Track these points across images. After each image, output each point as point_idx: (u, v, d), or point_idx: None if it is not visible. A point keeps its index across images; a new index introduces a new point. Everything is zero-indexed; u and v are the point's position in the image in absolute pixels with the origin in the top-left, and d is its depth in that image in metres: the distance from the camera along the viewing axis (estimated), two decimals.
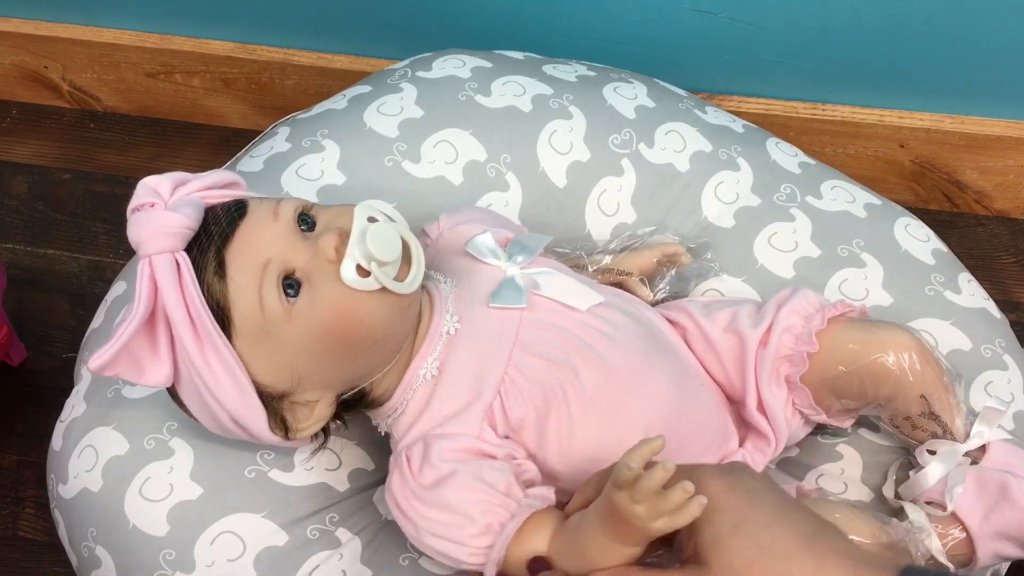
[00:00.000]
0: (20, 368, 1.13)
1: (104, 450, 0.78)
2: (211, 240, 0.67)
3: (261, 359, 0.69)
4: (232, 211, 0.69)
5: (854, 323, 0.78)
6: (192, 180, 0.71)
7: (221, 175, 0.73)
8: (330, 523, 0.78)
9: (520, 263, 0.77)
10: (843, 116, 1.17)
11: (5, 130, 1.34)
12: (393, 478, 0.71)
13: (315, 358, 0.69)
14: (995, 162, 1.17)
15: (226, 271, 0.67)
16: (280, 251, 0.67)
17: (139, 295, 0.66)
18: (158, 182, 0.69)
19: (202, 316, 0.66)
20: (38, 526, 1.04)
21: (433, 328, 0.74)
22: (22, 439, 1.09)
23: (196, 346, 0.67)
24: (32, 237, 1.24)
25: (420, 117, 0.93)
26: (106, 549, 0.77)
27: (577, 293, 0.77)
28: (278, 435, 0.72)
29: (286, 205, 0.70)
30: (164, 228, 0.66)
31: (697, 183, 0.94)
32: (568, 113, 0.94)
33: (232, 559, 0.75)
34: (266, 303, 0.67)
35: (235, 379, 0.68)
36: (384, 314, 0.69)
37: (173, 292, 0.66)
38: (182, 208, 0.67)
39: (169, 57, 1.26)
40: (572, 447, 0.73)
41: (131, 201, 0.69)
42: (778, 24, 1.09)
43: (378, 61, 1.21)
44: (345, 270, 0.66)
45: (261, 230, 0.68)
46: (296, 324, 0.67)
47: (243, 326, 0.67)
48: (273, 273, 0.67)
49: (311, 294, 0.67)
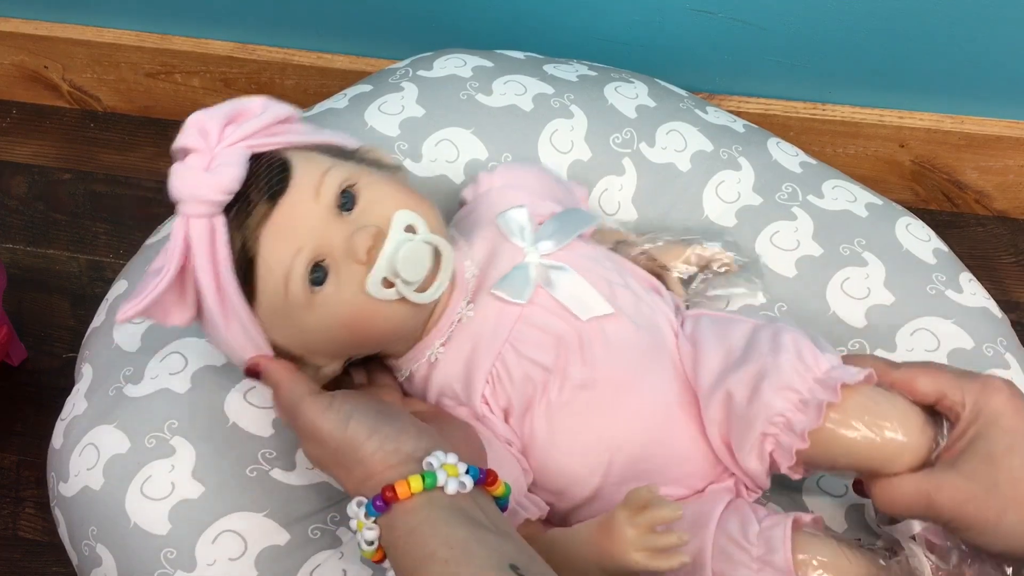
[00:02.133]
0: (20, 368, 1.13)
1: (105, 448, 0.78)
2: (250, 211, 0.67)
3: (277, 328, 0.70)
4: (275, 179, 0.67)
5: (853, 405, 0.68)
6: (244, 119, 0.69)
7: (274, 112, 0.70)
8: (331, 522, 0.78)
9: (544, 250, 0.76)
10: (843, 116, 1.17)
11: (5, 130, 1.34)
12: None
13: (328, 341, 0.71)
14: (995, 162, 1.17)
15: (259, 248, 0.67)
16: (314, 237, 0.67)
17: (173, 251, 0.66)
18: (206, 122, 0.67)
19: (228, 284, 0.67)
20: (38, 526, 1.04)
21: (449, 311, 0.74)
22: (22, 439, 1.09)
23: (219, 307, 0.68)
24: (32, 237, 1.24)
25: (421, 116, 0.93)
26: (107, 547, 0.77)
27: (585, 300, 0.74)
28: None
29: (331, 181, 0.68)
30: (203, 193, 0.65)
31: (698, 182, 0.94)
32: (569, 112, 0.94)
33: (233, 558, 0.74)
34: (291, 289, 0.67)
35: (252, 341, 0.70)
36: (400, 318, 0.70)
37: (204, 257, 0.66)
38: (225, 168, 0.66)
39: (169, 57, 1.26)
40: (550, 447, 0.73)
41: (177, 138, 0.68)
42: (778, 24, 1.10)
43: (378, 61, 1.21)
44: (371, 283, 0.67)
45: (300, 211, 0.67)
46: (316, 312, 0.68)
47: (265, 300, 0.68)
48: (302, 261, 0.67)
49: (336, 287, 0.68)
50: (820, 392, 0.68)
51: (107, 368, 0.84)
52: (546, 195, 0.82)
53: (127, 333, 0.85)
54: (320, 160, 0.70)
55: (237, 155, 0.67)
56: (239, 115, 0.69)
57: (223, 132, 0.68)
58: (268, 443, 0.79)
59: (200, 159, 0.66)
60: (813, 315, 0.88)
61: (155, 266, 0.69)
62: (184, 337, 0.83)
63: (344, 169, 0.70)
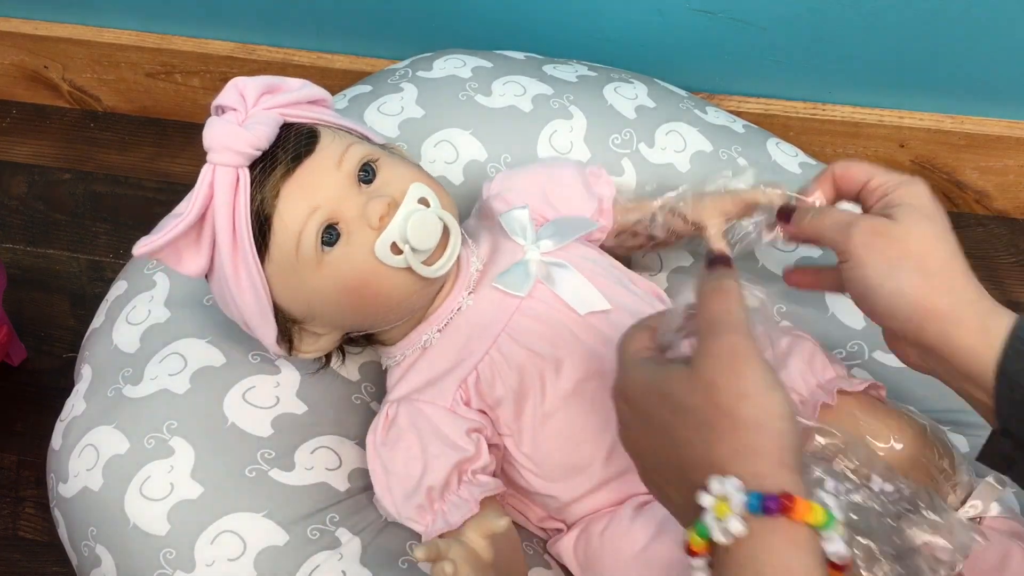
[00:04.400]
0: (20, 368, 1.13)
1: (104, 449, 0.78)
2: (274, 167, 0.70)
3: (284, 286, 0.72)
4: (303, 143, 0.71)
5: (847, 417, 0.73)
6: (280, 92, 0.73)
7: (309, 91, 0.76)
8: (330, 523, 0.78)
9: (544, 248, 0.78)
10: (843, 116, 1.17)
11: (5, 130, 1.34)
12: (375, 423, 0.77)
13: (331, 305, 0.73)
14: (995, 162, 1.17)
15: (277, 203, 0.70)
16: (331, 200, 0.70)
17: (196, 196, 0.69)
18: (246, 86, 0.72)
19: (243, 234, 0.70)
20: (38, 526, 1.04)
21: (450, 300, 0.77)
22: (22, 439, 1.09)
23: (231, 257, 0.71)
24: (32, 237, 1.24)
25: (421, 117, 0.93)
26: (106, 548, 0.77)
27: (583, 296, 0.77)
28: (282, 348, 0.76)
29: (353, 153, 0.72)
30: (234, 144, 0.69)
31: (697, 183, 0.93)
32: (568, 113, 0.94)
33: (232, 558, 0.75)
34: (302, 246, 0.70)
35: (257, 296, 0.72)
36: (404, 289, 0.72)
37: (225, 205, 0.69)
38: (257, 126, 0.69)
39: (169, 57, 1.26)
40: (544, 434, 0.75)
41: (217, 97, 0.72)
42: (778, 24, 1.09)
43: (378, 61, 1.21)
44: (379, 245, 0.69)
45: (321, 174, 0.71)
46: (323, 272, 0.71)
47: (277, 255, 0.71)
48: (317, 220, 0.70)
49: (346, 250, 0.70)
50: (819, 394, 0.73)
51: (106, 369, 0.84)
52: (540, 199, 0.83)
53: (127, 334, 0.85)
54: (346, 136, 0.74)
55: (270, 118, 0.71)
56: (277, 87, 0.74)
57: (260, 98, 0.72)
58: (267, 443, 0.79)
59: (236, 116, 0.71)
60: (812, 316, 0.88)
61: (178, 210, 0.72)
62: (183, 338, 0.83)
63: (367, 147, 0.74)
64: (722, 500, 0.51)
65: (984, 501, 0.73)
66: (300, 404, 0.81)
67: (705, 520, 0.51)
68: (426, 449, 0.73)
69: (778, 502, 0.50)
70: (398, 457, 0.74)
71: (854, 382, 0.75)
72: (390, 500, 0.74)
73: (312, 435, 0.81)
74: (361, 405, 0.84)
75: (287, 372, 0.82)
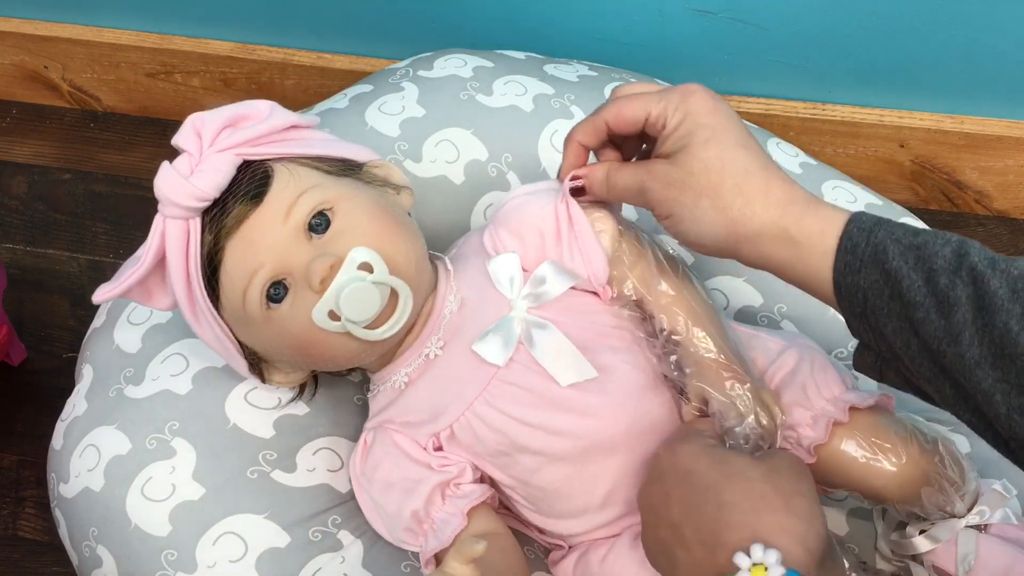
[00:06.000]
0: (20, 368, 1.13)
1: (106, 449, 0.78)
2: (223, 218, 0.68)
3: (241, 331, 0.73)
4: (250, 193, 0.68)
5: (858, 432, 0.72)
6: (243, 124, 0.71)
7: (277, 120, 0.72)
8: (332, 525, 0.78)
9: (530, 305, 0.72)
10: (843, 116, 1.17)
11: (5, 130, 1.33)
12: (355, 451, 0.77)
13: (286, 355, 0.73)
14: (995, 162, 1.17)
15: (224, 257, 0.69)
16: (275, 257, 0.68)
17: (148, 246, 0.70)
18: (204, 125, 0.70)
19: (195, 283, 0.70)
20: (38, 526, 1.04)
21: (418, 344, 0.74)
22: (22, 439, 1.09)
23: (187, 303, 0.71)
24: (32, 237, 1.24)
25: (422, 116, 0.93)
26: (107, 549, 0.77)
27: (567, 363, 0.71)
28: (255, 376, 0.77)
29: (305, 202, 0.69)
30: (180, 199, 0.68)
31: None
32: (569, 113, 0.94)
33: (234, 560, 0.74)
34: (248, 303, 0.69)
35: (217, 336, 0.73)
36: (348, 351, 0.71)
37: (177, 253, 0.69)
38: (207, 176, 0.68)
39: (169, 57, 1.26)
40: (534, 483, 0.73)
41: (175, 135, 0.70)
42: (778, 24, 1.09)
43: (378, 61, 1.21)
44: (316, 312, 0.68)
45: (265, 231, 0.68)
46: (271, 327, 0.70)
47: (228, 306, 0.71)
48: (262, 279, 0.69)
49: (292, 307, 0.69)
50: (830, 411, 0.71)
51: (108, 369, 0.84)
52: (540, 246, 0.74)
53: (128, 334, 0.85)
54: (306, 177, 0.70)
55: (223, 162, 0.68)
56: (241, 119, 0.70)
57: (218, 136, 0.69)
58: (269, 444, 0.79)
59: (186, 163, 0.69)
60: (812, 317, 0.88)
61: (136, 255, 0.72)
62: (185, 339, 0.83)
63: (326, 191, 0.70)
64: (759, 566, 0.55)
65: (990, 508, 0.73)
66: (302, 406, 0.81)
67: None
68: (405, 476, 0.73)
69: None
70: (379, 485, 0.74)
71: (864, 396, 0.73)
72: (380, 525, 0.75)
73: (314, 436, 0.81)
74: (363, 406, 0.84)
75: None
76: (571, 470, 0.72)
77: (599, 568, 0.73)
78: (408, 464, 0.73)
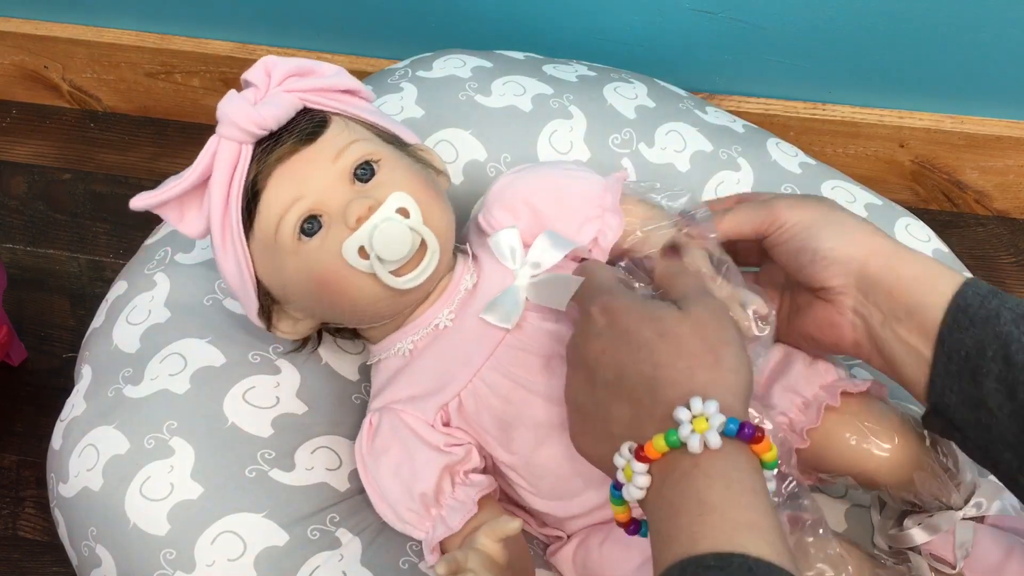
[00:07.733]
0: (20, 368, 1.13)
1: (105, 449, 0.78)
2: (275, 149, 0.71)
3: (264, 265, 0.74)
4: (306, 131, 0.71)
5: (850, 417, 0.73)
6: (310, 76, 0.74)
7: (340, 80, 0.76)
8: (331, 523, 0.78)
9: (532, 273, 0.75)
10: (843, 116, 1.17)
11: (5, 130, 1.34)
12: (360, 434, 0.77)
13: (302, 293, 0.74)
14: (995, 162, 1.17)
15: (267, 184, 0.71)
16: (317, 192, 0.71)
17: (198, 164, 0.72)
18: (275, 66, 0.73)
19: (233, 207, 0.71)
20: (38, 526, 1.04)
21: (429, 313, 0.76)
22: (22, 439, 1.09)
23: (219, 226, 0.73)
24: (32, 237, 1.24)
25: (420, 117, 0.93)
26: (106, 548, 0.77)
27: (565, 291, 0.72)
28: (262, 322, 0.77)
29: (355, 149, 0.72)
30: (240, 121, 0.70)
31: (698, 183, 0.94)
32: (568, 113, 0.94)
33: (232, 559, 0.75)
34: (281, 231, 0.71)
35: (239, 267, 0.74)
36: (370, 295, 0.72)
37: (222, 176, 0.71)
38: (269, 107, 0.71)
39: (169, 57, 1.26)
40: (535, 460, 0.73)
41: (247, 71, 0.73)
42: (778, 24, 1.09)
43: (378, 61, 1.21)
44: (347, 246, 0.69)
45: (314, 165, 0.71)
46: (298, 260, 0.71)
47: (260, 234, 0.72)
48: (298, 210, 0.71)
49: (322, 243, 0.71)
50: (822, 396, 0.73)
51: (107, 369, 0.84)
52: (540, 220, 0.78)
53: (127, 334, 0.85)
54: (358, 131, 0.74)
55: (287, 101, 0.72)
56: (308, 72, 0.74)
57: (286, 79, 0.73)
58: (267, 443, 0.79)
59: (253, 94, 0.72)
60: None
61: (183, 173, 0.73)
62: (184, 338, 0.83)
63: (376, 145, 0.73)
64: (700, 417, 0.57)
65: (987, 500, 0.73)
66: (300, 404, 0.81)
67: (681, 431, 0.57)
68: (413, 457, 0.73)
69: (753, 431, 0.57)
70: (386, 467, 0.74)
71: (857, 383, 0.75)
72: (385, 509, 0.74)
73: (312, 435, 0.81)
74: (361, 405, 0.84)
75: (287, 372, 0.82)
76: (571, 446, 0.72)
77: (599, 553, 0.74)
78: (416, 444, 0.73)
